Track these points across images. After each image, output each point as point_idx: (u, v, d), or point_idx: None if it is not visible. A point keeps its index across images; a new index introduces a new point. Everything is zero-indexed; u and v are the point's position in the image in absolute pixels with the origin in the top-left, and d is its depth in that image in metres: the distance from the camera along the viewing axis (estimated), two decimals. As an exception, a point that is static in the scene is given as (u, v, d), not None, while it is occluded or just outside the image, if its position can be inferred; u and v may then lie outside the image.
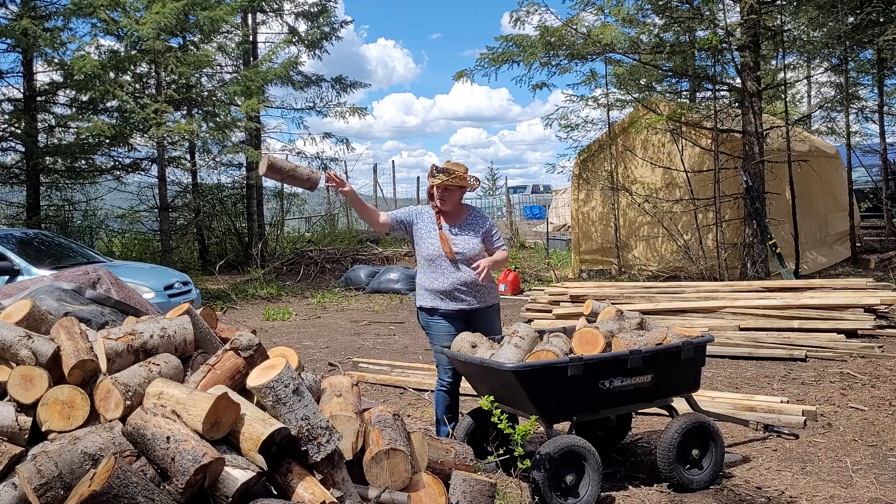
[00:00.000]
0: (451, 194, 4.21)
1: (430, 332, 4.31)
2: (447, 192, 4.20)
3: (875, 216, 16.09)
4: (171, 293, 8.64)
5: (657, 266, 11.78)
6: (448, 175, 4.15)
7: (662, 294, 8.69)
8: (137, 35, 11.99)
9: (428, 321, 4.29)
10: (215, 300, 11.73)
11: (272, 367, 2.80)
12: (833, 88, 17.48)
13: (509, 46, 11.16)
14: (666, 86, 13.32)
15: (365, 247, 17.15)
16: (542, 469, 3.52)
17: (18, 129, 13.43)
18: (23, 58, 13.48)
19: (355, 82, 18.08)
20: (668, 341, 3.91)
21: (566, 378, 3.64)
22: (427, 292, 4.25)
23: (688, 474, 3.88)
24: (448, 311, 4.20)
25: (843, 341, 6.84)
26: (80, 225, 16.13)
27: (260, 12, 17.13)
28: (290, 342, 8.39)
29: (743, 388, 5.81)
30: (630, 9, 10.83)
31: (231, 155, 15.92)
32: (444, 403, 4.33)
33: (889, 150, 15.50)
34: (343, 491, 2.75)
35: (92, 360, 2.84)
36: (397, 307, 11.31)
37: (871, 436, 4.68)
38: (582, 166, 12.80)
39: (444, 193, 4.20)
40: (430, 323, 4.27)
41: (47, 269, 8.15)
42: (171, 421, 2.56)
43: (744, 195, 10.42)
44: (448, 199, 4.21)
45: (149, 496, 2.30)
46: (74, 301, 3.70)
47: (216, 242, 17.58)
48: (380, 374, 6.57)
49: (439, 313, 4.22)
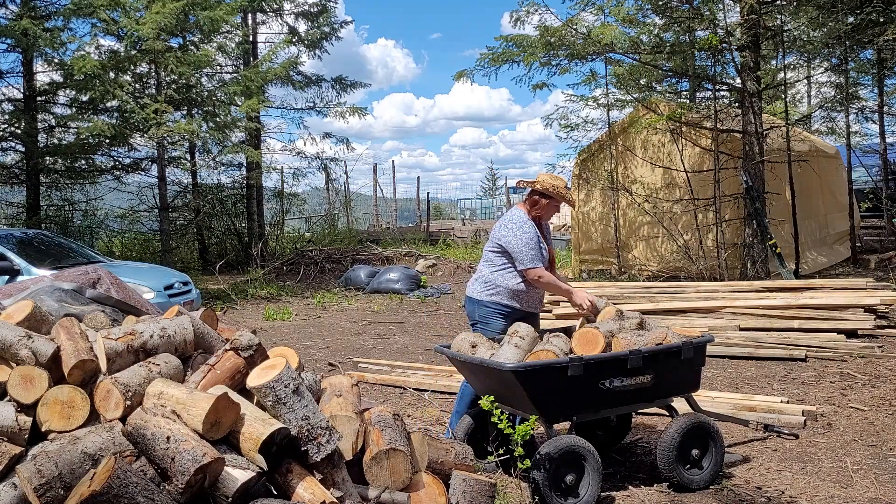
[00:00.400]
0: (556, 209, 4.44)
1: (483, 325, 4.37)
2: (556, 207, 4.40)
3: (875, 216, 16.08)
4: (171, 293, 8.64)
5: (657, 266, 11.77)
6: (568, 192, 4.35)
7: (662, 294, 8.69)
8: (137, 35, 11.99)
9: (489, 315, 4.35)
10: (215, 300, 11.73)
11: (272, 367, 2.80)
12: (833, 88, 17.48)
13: (509, 46, 11.15)
14: (666, 86, 13.31)
15: (365, 247, 17.15)
16: (542, 469, 3.52)
17: (18, 129, 13.43)
18: (23, 58, 13.48)
19: (355, 82, 18.11)
20: (668, 341, 3.91)
21: (566, 378, 3.64)
22: (507, 291, 4.31)
23: (688, 474, 3.88)
24: (520, 312, 4.31)
25: (843, 341, 6.83)
26: (80, 225, 16.13)
27: (260, 12, 17.13)
28: (290, 342, 8.39)
29: (743, 388, 5.81)
30: (630, 9, 10.82)
31: (231, 155, 15.93)
32: (471, 397, 4.36)
33: (889, 150, 15.49)
34: (343, 491, 2.75)
35: (92, 360, 2.84)
36: (397, 307, 11.30)
37: (871, 436, 4.68)
38: (582, 166, 12.80)
39: (555, 208, 4.39)
40: (491, 318, 4.34)
41: (47, 269, 8.15)
42: (171, 421, 2.56)
43: (744, 195, 10.42)
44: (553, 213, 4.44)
45: (149, 496, 2.30)
46: (75, 301, 3.70)
47: (216, 242, 17.59)
48: (380, 374, 6.57)
49: (510, 312, 4.31)
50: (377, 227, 23.39)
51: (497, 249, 4.34)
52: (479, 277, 4.45)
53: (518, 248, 4.23)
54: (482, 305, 4.37)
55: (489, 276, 4.36)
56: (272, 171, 17.71)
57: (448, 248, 18.02)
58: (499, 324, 4.32)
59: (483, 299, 4.36)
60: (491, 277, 4.35)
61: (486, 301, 4.36)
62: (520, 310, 4.33)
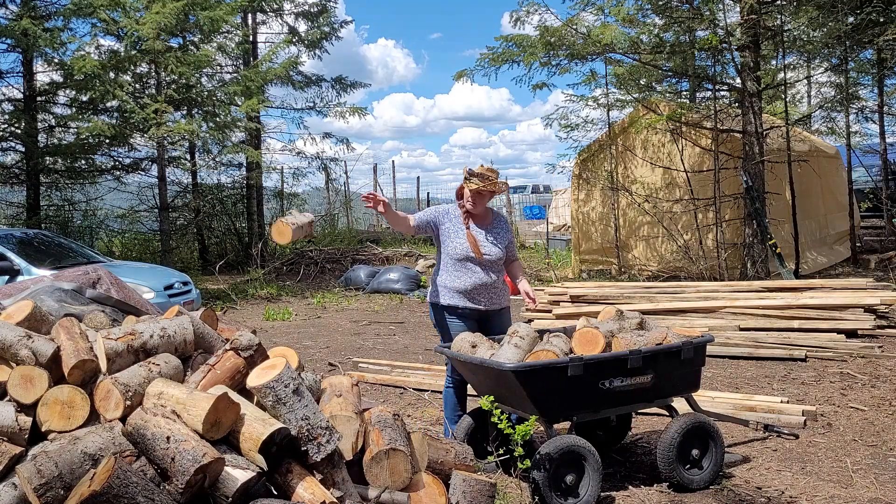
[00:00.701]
0: (482, 198, 4.34)
1: (443, 329, 4.39)
2: (479, 196, 4.32)
3: (875, 216, 16.09)
4: (171, 293, 8.64)
5: (657, 266, 11.78)
6: (483, 180, 4.26)
7: (662, 294, 8.69)
8: (137, 35, 12.00)
9: (444, 319, 4.37)
10: (215, 300, 11.73)
11: (272, 367, 2.80)
12: (833, 88, 17.46)
13: (509, 46, 11.15)
14: (666, 86, 13.31)
15: (365, 247, 17.14)
16: (542, 469, 3.52)
17: (18, 129, 13.44)
18: (23, 58, 13.48)
19: (355, 82, 18.10)
20: (668, 341, 3.91)
21: (566, 378, 3.64)
22: (447, 290, 4.33)
23: (688, 474, 3.88)
24: (465, 310, 4.30)
25: (843, 341, 6.83)
26: (80, 225, 16.13)
27: (260, 12, 17.13)
28: (290, 342, 8.39)
29: (743, 388, 5.81)
30: (630, 9, 10.82)
31: (231, 155, 15.92)
32: (452, 403, 4.41)
33: (889, 150, 15.49)
34: (343, 491, 2.75)
35: (92, 360, 2.84)
36: (397, 307, 11.30)
37: (871, 436, 4.68)
38: (582, 166, 12.80)
39: (476, 197, 4.31)
40: (447, 321, 4.35)
41: (47, 269, 8.15)
42: (171, 421, 2.56)
43: (744, 195, 10.42)
44: (479, 202, 4.34)
45: (149, 496, 2.30)
46: (75, 301, 3.70)
47: (216, 242, 17.58)
48: (380, 374, 6.57)
49: (457, 312, 4.31)
50: (377, 227, 23.38)
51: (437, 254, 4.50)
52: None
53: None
54: (432, 311, 4.49)
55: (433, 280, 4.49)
56: (272, 171, 17.71)
57: (448, 248, 17.98)
58: (455, 326, 4.33)
59: (431, 303, 4.47)
60: (433, 280, 4.48)
61: (431, 303, 4.46)
62: (467, 309, 4.31)
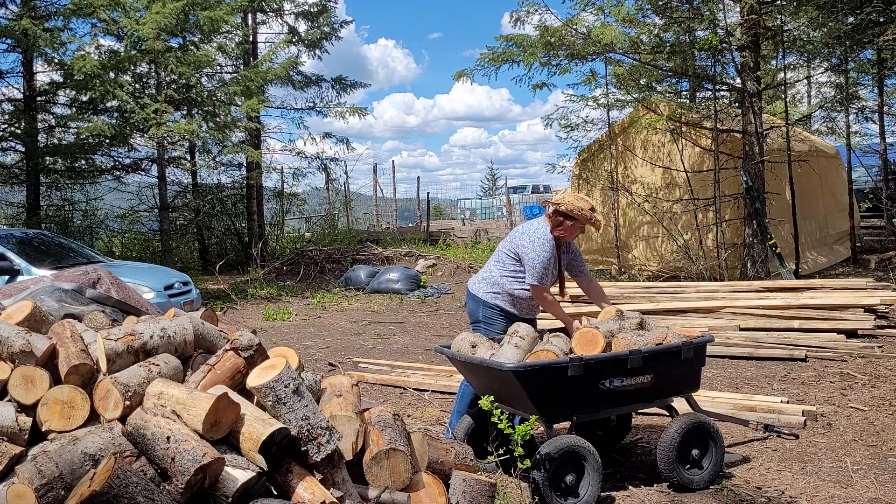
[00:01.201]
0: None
1: (487, 325, 4.40)
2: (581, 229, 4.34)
3: (875, 216, 16.08)
4: (171, 293, 8.64)
5: (657, 266, 11.78)
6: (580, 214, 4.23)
7: (662, 294, 8.69)
8: (137, 35, 11.99)
9: (492, 316, 4.39)
10: (215, 300, 11.73)
11: (272, 367, 2.80)
12: (833, 88, 17.47)
13: (509, 46, 11.15)
14: (666, 86, 13.31)
15: (365, 247, 17.14)
16: (542, 469, 3.52)
17: (18, 129, 13.44)
18: (23, 58, 13.48)
19: (355, 82, 18.10)
20: (668, 341, 3.91)
21: (566, 378, 3.64)
22: (510, 297, 4.34)
23: (688, 474, 3.88)
24: (518, 318, 4.33)
25: (843, 341, 6.83)
26: (80, 225, 16.13)
27: (260, 12, 17.12)
28: (290, 342, 8.39)
29: (743, 388, 5.81)
30: (630, 9, 10.81)
31: (231, 155, 15.91)
32: (471, 396, 4.38)
33: (889, 150, 15.48)
34: (343, 491, 2.75)
35: (85, 364, 2.83)
36: (397, 307, 11.30)
37: (871, 436, 4.68)
38: (582, 166, 12.80)
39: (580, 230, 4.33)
40: (494, 319, 4.38)
41: (47, 269, 8.15)
42: (171, 421, 2.56)
43: (744, 195, 10.42)
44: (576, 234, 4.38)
45: (149, 496, 2.30)
46: (75, 301, 3.71)
47: (216, 242, 17.58)
48: (380, 374, 6.57)
49: (508, 316, 4.35)
50: (377, 227, 23.39)
51: (513, 255, 4.34)
52: (486, 277, 4.44)
53: (532, 264, 4.23)
54: (486, 306, 4.39)
55: (497, 279, 4.37)
56: (272, 171, 17.71)
57: (448, 248, 18.01)
58: (501, 325, 4.34)
59: (487, 300, 4.39)
60: (500, 280, 4.36)
61: (490, 303, 4.38)
62: (517, 316, 4.37)
